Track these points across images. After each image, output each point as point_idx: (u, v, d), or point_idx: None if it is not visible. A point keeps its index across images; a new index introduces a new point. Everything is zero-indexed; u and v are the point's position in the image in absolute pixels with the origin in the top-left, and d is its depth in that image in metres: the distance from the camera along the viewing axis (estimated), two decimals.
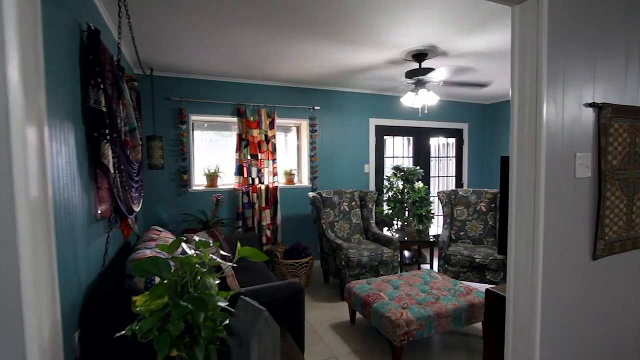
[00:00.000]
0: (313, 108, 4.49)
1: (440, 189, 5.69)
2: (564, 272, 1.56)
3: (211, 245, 1.10)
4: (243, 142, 4.07)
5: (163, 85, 3.76)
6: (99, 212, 1.86)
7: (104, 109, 1.78)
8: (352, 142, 4.83)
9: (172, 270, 0.96)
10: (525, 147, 1.49)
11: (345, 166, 4.80)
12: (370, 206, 4.24)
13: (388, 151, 5.22)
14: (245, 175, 4.09)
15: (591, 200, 1.62)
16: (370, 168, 4.98)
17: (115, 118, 2.05)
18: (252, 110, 4.14)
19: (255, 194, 4.11)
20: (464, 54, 3.16)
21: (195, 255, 1.00)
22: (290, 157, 4.74)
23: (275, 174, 4.24)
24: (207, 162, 4.17)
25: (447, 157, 5.74)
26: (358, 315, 2.96)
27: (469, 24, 2.50)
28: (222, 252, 2.07)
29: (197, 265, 0.96)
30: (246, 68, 3.65)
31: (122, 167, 2.16)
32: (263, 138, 4.15)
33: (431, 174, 5.55)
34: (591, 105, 1.56)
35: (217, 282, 1.02)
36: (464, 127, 5.66)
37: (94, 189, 1.82)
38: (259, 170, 4.15)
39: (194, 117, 4.01)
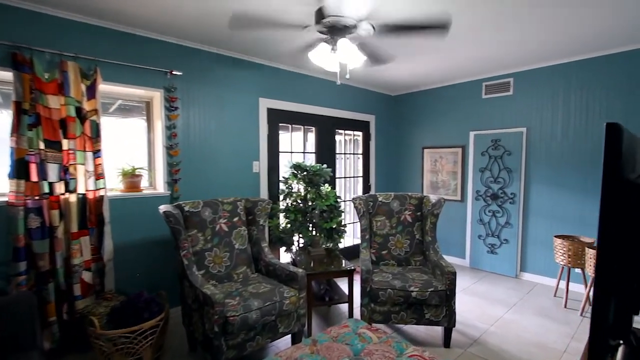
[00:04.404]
0: (171, 73, 2.89)
1: (347, 193, 4.71)
2: None
3: None
4: (27, 117, 2.22)
5: None
6: None
7: None
8: (235, 130, 3.38)
9: None
10: None
11: (226, 164, 3.33)
12: (262, 222, 2.89)
13: (284, 145, 3.96)
14: (35, 178, 2.24)
15: None
16: (262, 167, 3.63)
17: None
18: (46, 61, 2.32)
19: (56, 211, 2.30)
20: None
21: None
22: (140, 150, 3.02)
23: (100, 176, 2.50)
24: None
25: (353, 154, 4.80)
26: None
27: None
28: None
29: None
30: None
31: None
32: (73, 113, 2.37)
33: (336, 175, 4.51)
34: None
35: None
36: (371, 119, 4.81)
37: None
38: (65, 169, 2.36)
39: None
